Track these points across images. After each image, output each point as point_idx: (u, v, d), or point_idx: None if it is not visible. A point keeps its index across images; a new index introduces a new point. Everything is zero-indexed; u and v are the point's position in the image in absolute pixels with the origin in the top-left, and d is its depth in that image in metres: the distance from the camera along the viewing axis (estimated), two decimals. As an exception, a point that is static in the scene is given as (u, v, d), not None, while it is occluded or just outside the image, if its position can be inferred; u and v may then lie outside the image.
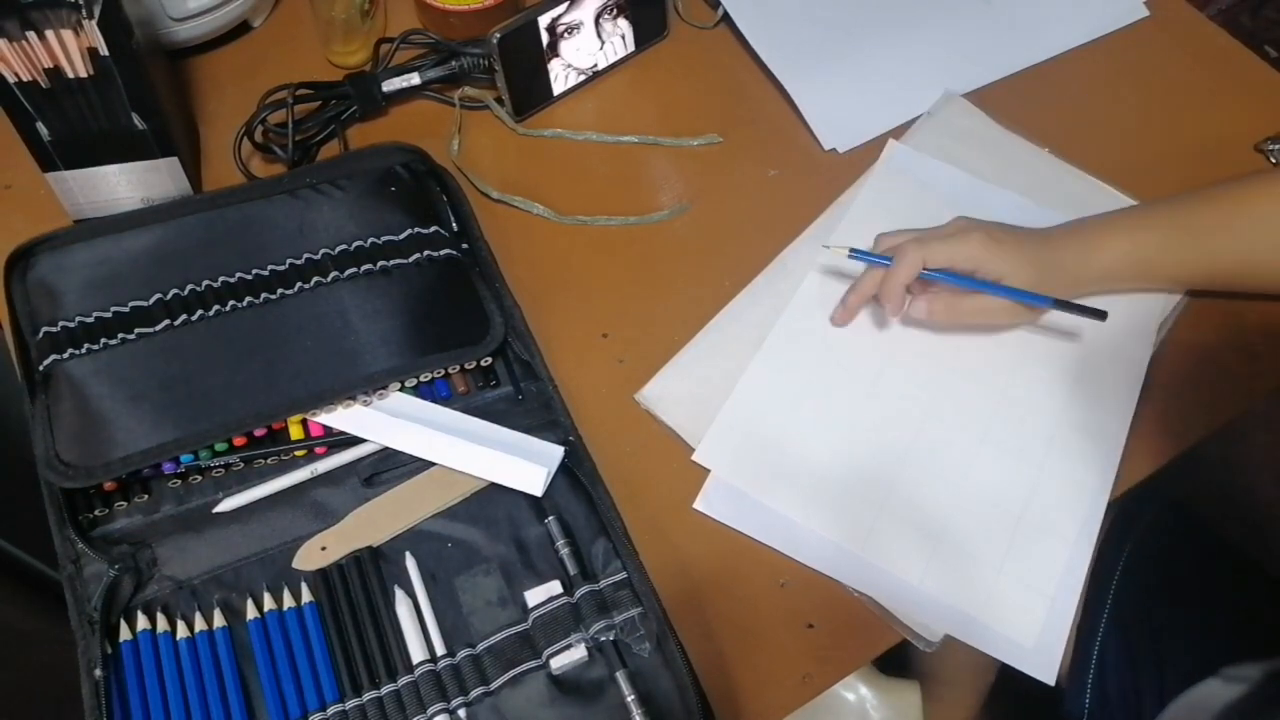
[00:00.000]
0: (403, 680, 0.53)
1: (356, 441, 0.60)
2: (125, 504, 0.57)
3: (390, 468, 0.59)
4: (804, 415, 0.63)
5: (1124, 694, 0.73)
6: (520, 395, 0.62)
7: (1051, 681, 0.55)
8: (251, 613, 0.55)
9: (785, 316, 0.66)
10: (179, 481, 0.58)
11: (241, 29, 0.80)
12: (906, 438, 0.62)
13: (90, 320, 0.59)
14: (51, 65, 0.59)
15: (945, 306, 0.62)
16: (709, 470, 0.61)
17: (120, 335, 0.58)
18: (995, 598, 0.57)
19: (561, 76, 0.77)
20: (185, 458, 0.57)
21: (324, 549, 0.57)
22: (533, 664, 0.54)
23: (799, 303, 0.67)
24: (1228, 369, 0.65)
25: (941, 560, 0.58)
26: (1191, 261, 0.64)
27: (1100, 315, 0.60)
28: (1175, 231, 0.63)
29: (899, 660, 1.02)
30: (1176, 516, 0.78)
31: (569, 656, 0.54)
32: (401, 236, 0.64)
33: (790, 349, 0.65)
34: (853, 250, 0.63)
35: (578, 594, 0.55)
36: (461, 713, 0.53)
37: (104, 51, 0.59)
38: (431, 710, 0.52)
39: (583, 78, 0.78)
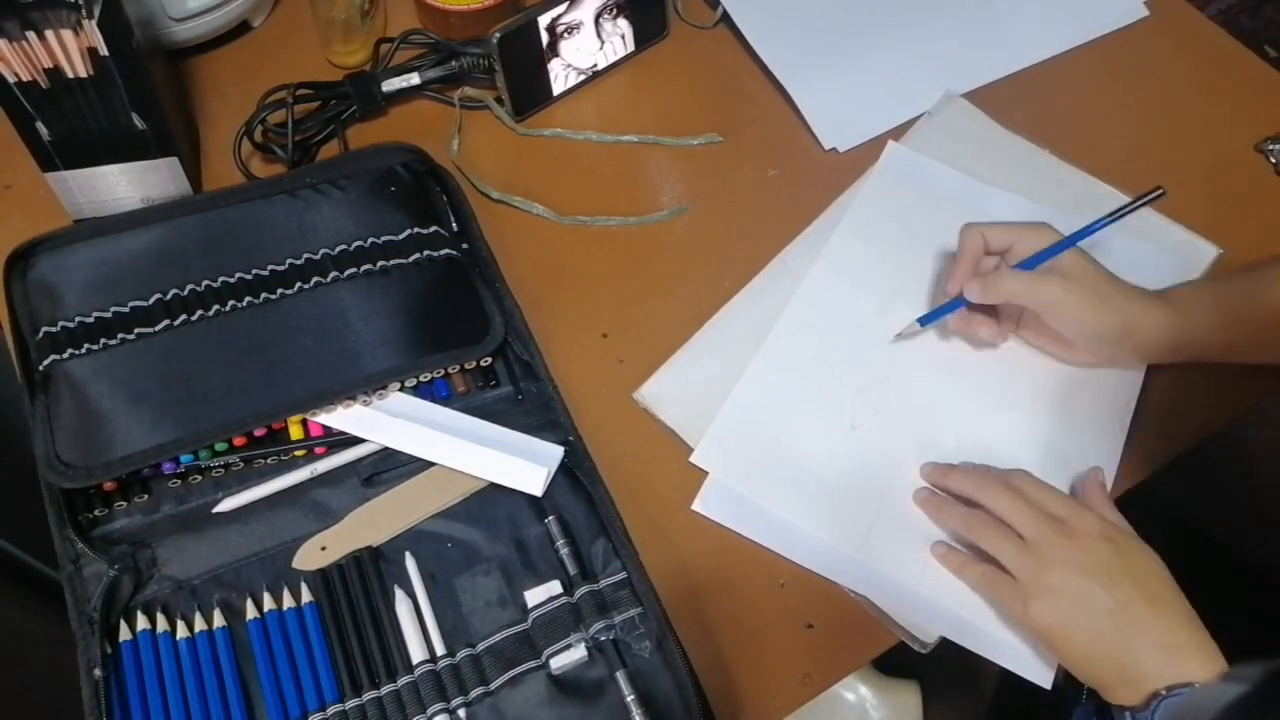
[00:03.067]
0: (402, 680, 0.53)
1: (356, 441, 0.60)
2: (125, 504, 0.57)
3: (390, 468, 0.59)
4: (802, 418, 0.63)
5: None
6: (520, 395, 0.62)
7: (1048, 685, 0.55)
8: (251, 613, 0.55)
9: (784, 318, 0.66)
10: (179, 481, 0.58)
11: (241, 29, 0.80)
12: (904, 441, 0.62)
13: (90, 320, 0.59)
14: (51, 65, 0.59)
15: (994, 283, 0.59)
16: (707, 472, 0.61)
17: (120, 335, 0.58)
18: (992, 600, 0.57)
19: (561, 76, 0.77)
20: (185, 458, 0.57)
21: (324, 549, 0.57)
22: (533, 664, 0.54)
23: (799, 304, 0.67)
24: (1227, 369, 0.65)
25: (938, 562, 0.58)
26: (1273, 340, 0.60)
27: (1158, 193, 0.57)
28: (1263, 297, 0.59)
29: (899, 660, 1.03)
30: (1167, 519, 0.78)
31: (569, 656, 0.54)
32: (401, 236, 0.64)
33: (789, 351, 0.65)
34: (920, 320, 0.62)
35: (578, 594, 0.55)
36: (461, 713, 0.53)
37: (104, 51, 0.59)
38: (431, 710, 0.52)
39: (583, 78, 0.78)
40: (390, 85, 0.74)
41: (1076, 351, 0.63)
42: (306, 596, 0.56)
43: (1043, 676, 0.55)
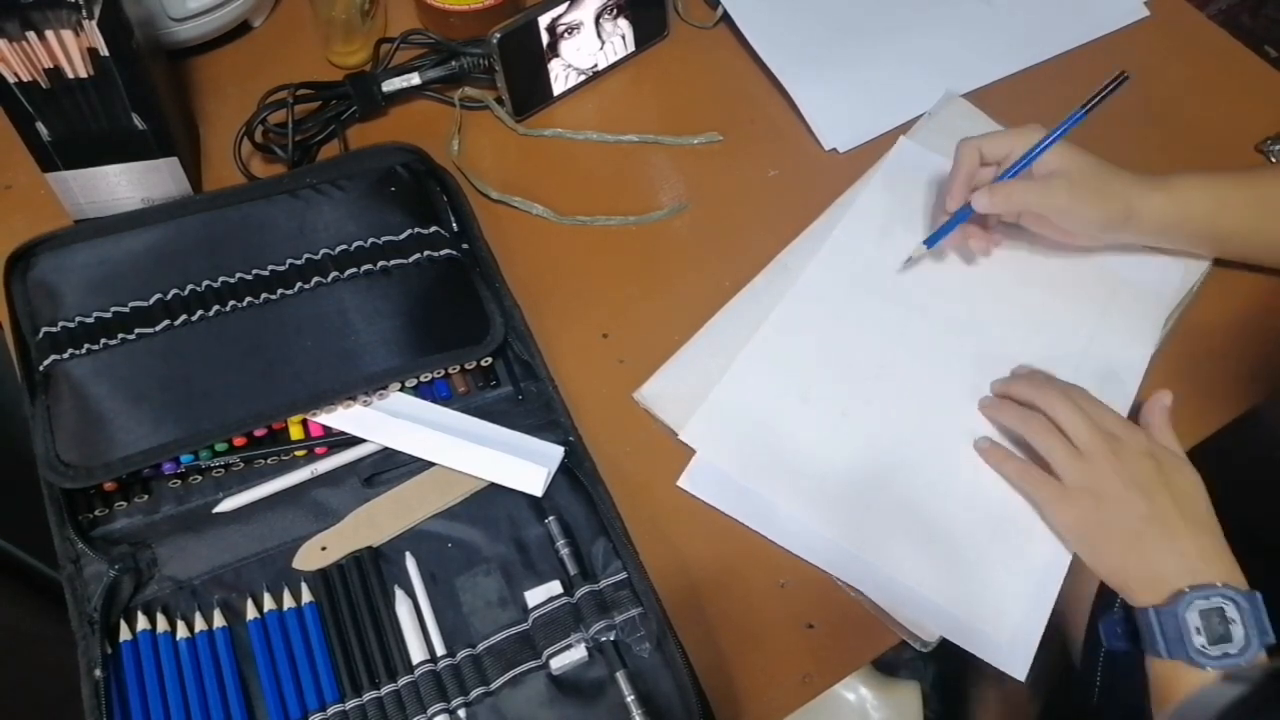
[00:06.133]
0: (403, 680, 0.53)
1: (356, 441, 0.60)
2: (125, 504, 0.57)
3: (390, 468, 0.59)
4: (795, 403, 0.63)
5: (1132, 683, 0.73)
6: (520, 395, 0.62)
7: (1022, 677, 0.55)
8: (251, 613, 0.55)
9: (783, 305, 0.66)
10: (179, 481, 0.58)
11: (241, 29, 0.80)
12: (898, 433, 0.62)
13: (90, 320, 0.59)
14: (51, 65, 0.59)
15: (1004, 196, 0.62)
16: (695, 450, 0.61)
17: (120, 335, 0.58)
18: (978, 594, 0.57)
19: (561, 76, 0.77)
20: (185, 458, 0.57)
21: (324, 549, 0.57)
22: (533, 664, 0.54)
23: (798, 293, 0.67)
24: (1230, 369, 0.65)
25: (929, 556, 0.58)
26: (1264, 229, 0.64)
27: (1121, 78, 0.61)
28: (1255, 192, 0.63)
29: (899, 660, 1.02)
30: None
31: (569, 657, 0.54)
32: (402, 237, 0.64)
33: (786, 338, 0.65)
34: (927, 242, 0.64)
35: (578, 594, 0.55)
36: (461, 713, 0.53)
37: (104, 51, 0.59)
38: (431, 710, 0.52)
39: (583, 78, 0.78)
40: (390, 85, 0.74)
41: (1078, 239, 0.64)
42: (307, 596, 0.56)
43: (1019, 668, 0.55)
